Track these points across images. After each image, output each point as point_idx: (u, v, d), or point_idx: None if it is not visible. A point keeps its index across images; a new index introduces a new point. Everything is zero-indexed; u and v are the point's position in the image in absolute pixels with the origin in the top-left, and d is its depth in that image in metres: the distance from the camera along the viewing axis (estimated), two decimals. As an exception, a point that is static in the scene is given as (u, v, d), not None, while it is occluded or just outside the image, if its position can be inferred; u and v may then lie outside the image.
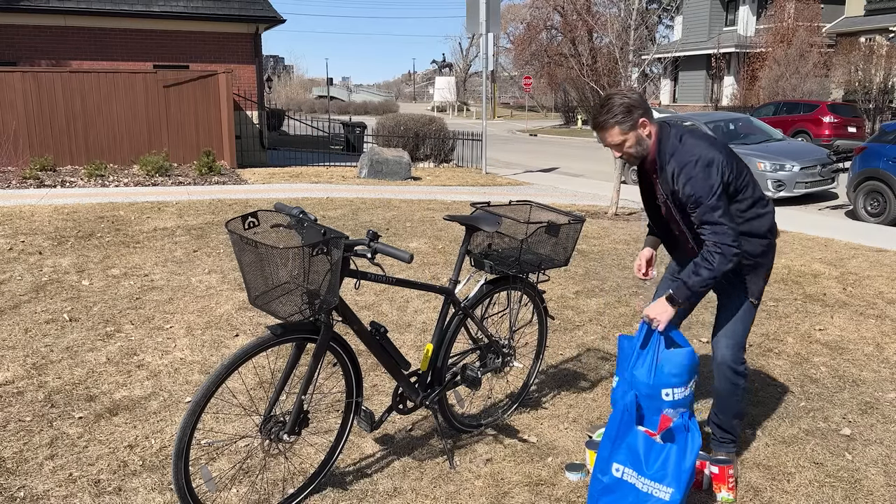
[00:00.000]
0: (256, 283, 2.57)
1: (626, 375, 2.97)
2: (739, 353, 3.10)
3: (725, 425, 3.22)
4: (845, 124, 19.65)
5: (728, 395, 3.15)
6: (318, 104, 54.39)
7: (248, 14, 15.46)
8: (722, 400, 3.18)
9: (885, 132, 10.85)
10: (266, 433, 2.73)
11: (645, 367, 2.91)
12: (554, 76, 43.72)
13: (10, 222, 8.43)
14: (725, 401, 3.17)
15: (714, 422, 3.25)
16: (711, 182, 2.79)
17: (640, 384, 2.90)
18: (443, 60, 77.04)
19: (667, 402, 2.90)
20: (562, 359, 4.53)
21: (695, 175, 2.80)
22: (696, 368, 2.94)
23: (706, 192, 2.79)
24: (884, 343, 4.86)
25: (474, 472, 3.19)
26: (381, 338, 2.96)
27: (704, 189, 2.79)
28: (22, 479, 3.06)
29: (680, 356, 2.89)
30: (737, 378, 3.11)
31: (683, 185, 2.82)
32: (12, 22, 14.16)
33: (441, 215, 9.42)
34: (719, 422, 3.23)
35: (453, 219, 3.26)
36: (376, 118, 19.95)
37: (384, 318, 5.23)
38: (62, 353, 4.47)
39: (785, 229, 8.97)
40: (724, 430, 3.23)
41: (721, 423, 3.22)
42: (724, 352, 3.10)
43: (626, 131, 2.88)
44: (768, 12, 32.72)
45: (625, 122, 2.86)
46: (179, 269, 6.44)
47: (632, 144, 2.91)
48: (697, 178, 2.79)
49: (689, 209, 2.86)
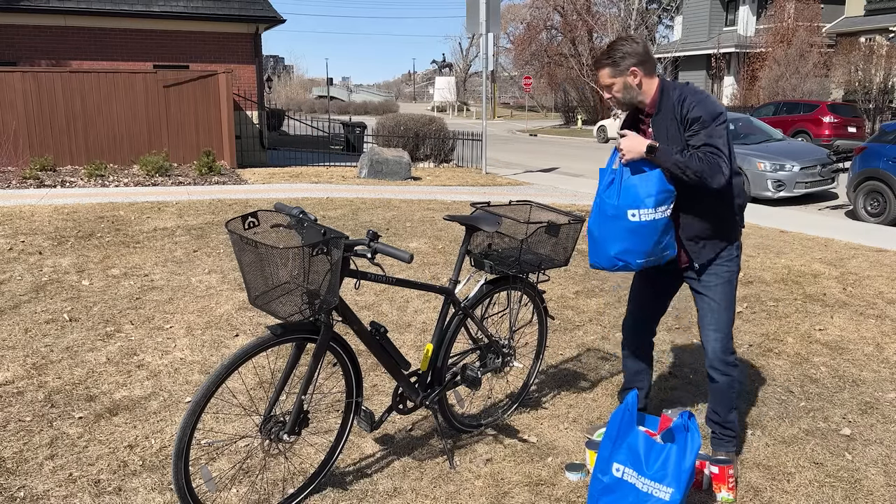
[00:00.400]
0: (256, 283, 2.57)
1: (595, 202, 3.04)
2: (728, 343, 3.13)
3: (724, 421, 3.22)
4: (845, 124, 19.65)
5: (724, 390, 3.16)
6: (318, 104, 54.41)
7: (248, 14, 15.47)
8: (718, 395, 3.19)
9: (885, 132, 10.85)
10: (266, 433, 2.73)
11: (612, 191, 2.97)
12: (554, 76, 43.77)
13: (10, 222, 8.43)
14: (722, 395, 3.18)
15: (713, 419, 3.25)
16: (720, 109, 2.88)
17: (608, 206, 2.96)
18: (443, 60, 77.08)
19: (632, 222, 2.90)
20: (562, 359, 4.53)
21: (704, 100, 2.89)
22: (669, 195, 2.92)
23: (712, 115, 2.86)
24: (884, 343, 4.86)
25: (474, 472, 3.19)
26: (381, 338, 2.96)
27: (712, 112, 2.86)
28: (22, 479, 3.06)
29: (647, 179, 2.91)
30: (730, 369, 3.14)
31: (692, 108, 2.88)
32: (12, 22, 14.16)
33: (441, 215, 9.42)
34: (718, 419, 3.23)
35: (453, 219, 3.26)
36: (376, 118, 19.95)
37: (384, 318, 5.23)
38: (62, 353, 4.47)
39: (785, 229, 8.98)
40: (723, 426, 3.23)
41: (720, 419, 3.22)
42: (714, 345, 3.12)
43: (614, 76, 2.97)
44: (768, 12, 32.72)
45: (615, 67, 2.96)
46: (179, 269, 6.44)
47: (619, 89, 2.99)
48: (706, 102, 2.88)
49: (691, 132, 2.88)
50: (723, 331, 3.11)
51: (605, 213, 2.97)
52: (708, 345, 3.14)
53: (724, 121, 2.90)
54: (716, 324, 3.10)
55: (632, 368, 3.49)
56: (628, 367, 3.50)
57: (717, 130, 2.87)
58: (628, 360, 3.49)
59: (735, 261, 3.10)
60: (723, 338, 3.11)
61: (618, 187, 2.94)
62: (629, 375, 3.51)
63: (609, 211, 2.95)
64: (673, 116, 2.94)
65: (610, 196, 2.95)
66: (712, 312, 3.10)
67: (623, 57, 2.94)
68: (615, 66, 2.96)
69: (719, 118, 2.88)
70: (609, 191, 2.97)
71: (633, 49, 2.96)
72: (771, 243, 8.06)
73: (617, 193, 2.94)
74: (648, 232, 2.91)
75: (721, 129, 2.88)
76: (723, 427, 3.23)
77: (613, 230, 2.95)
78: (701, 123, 2.87)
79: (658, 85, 3.00)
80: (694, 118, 2.87)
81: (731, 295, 3.11)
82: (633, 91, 3.00)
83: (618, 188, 2.94)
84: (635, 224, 2.90)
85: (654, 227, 2.90)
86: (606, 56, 2.99)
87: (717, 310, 3.10)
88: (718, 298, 3.09)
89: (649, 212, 2.89)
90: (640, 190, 2.89)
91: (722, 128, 2.89)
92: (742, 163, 12.06)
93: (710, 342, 3.13)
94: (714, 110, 2.88)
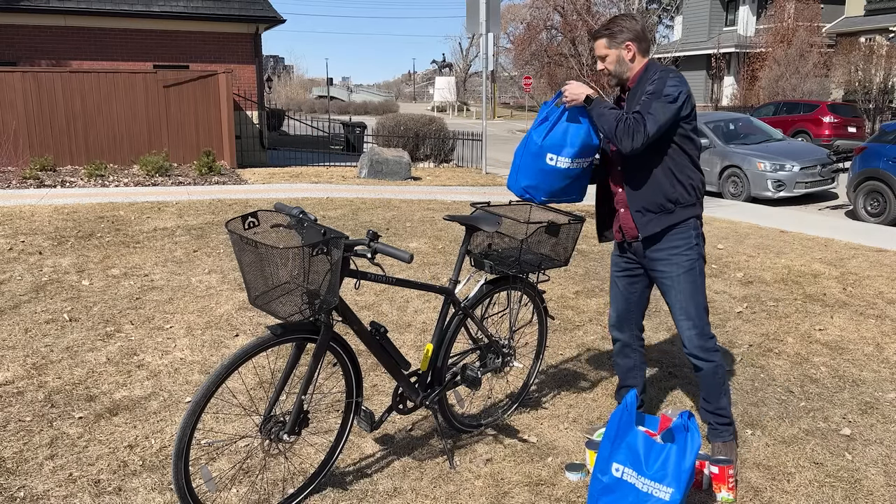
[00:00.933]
0: (256, 283, 2.57)
1: (528, 132, 3.20)
2: (704, 329, 3.15)
3: (717, 409, 3.24)
4: (845, 124, 19.64)
5: (709, 376, 3.18)
6: (318, 104, 54.39)
7: (248, 14, 15.47)
8: (706, 384, 3.21)
9: (885, 132, 10.85)
10: (266, 433, 2.73)
11: (542, 129, 3.13)
12: (554, 76, 43.71)
13: (10, 222, 8.43)
14: (709, 384, 3.20)
15: (706, 409, 3.28)
16: (676, 91, 2.94)
17: (532, 143, 3.14)
18: (443, 60, 77.03)
19: (548, 165, 3.11)
20: (562, 359, 4.53)
21: (666, 79, 2.98)
22: (590, 150, 3.13)
23: (662, 91, 2.94)
24: (884, 343, 4.86)
25: (474, 472, 3.19)
26: (381, 338, 2.96)
27: (665, 90, 2.94)
28: (22, 479, 3.06)
29: (575, 131, 3.09)
30: (711, 355, 3.16)
31: (653, 82, 2.99)
32: (12, 22, 14.16)
33: (441, 215, 9.42)
34: (710, 407, 3.25)
35: (453, 219, 3.26)
36: (376, 118, 19.95)
37: (384, 318, 5.23)
38: (62, 353, 4.47)
39: (785, 229, 8.98)
40: (717, 414, 3.25)
41: (712, 408, 3.25)
42: (688, 333, 3.16)
43: (609, 47, 3.09)
44: (768, 12, 32.72)
45: (611, 38, 3.08)
46: (179, 269, 6.44)
47: (612, 61, 3.10)
48: (667, 80, 2.97)
49: (640, 102, 2.98)
50: (693, 318, 3.14)
51: (528, 149, 3.19)
52: (683, 334, 3.18)
53: (673, 100, 2.93)
54: (685, 313, 3.14)
55: (623, 366, 3.51)
56: (619, 366, 3.53)
57: (659, 105, 2.93)
58: (618, 357, 3.51)
59: (695, 249, 3.13)
60: (696, 325, 3.14)
61: (547, 128, 3.13)
62: (622, 373, 3.53)
63: (532, 148, 3.16)
64: (641, 93, 3.03)
65: (538, 134, 3.14)
66: (679, 302, 3.15)
67: (620, 30, 3.08)
68: (612, 38, 3.08)
69: (669, 97, 2.93)
70: (539, 128, 3.15)
71: (632, 25, 3.09)
72: (771, 243, 8.06)
73: (544, 133, 3.12)
74: (559, 176, 3.14)
75: (665, 107, 2.92)
76: (717, 416, 3.24)
77: (530, 166, 3.18)
78: (650, 95, 2.96)
79: (644, 64, 3.11)
80: (649, 91, 2.97)
81: (697, 282, 3.14)
82: (625, 65, 3.10)
83: (547, 129, 3.13)
84: (550, 167, 3.13)
85: (565, 173, 3.14)
86: (605, 27, 3.11)
87: (683, 299, 3.14)
88: (682, 287, 3.13)
89: (565, 160, 3.11)
90: (565, 138, 3.10)
91: (668, 106, 2.92)
92: (742, 163, 12.08)
93: (684, 331, 3.17)
94: (668, 89, 2.94)
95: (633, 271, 3.33)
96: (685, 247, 3.11)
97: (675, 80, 2.97)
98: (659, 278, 3.20)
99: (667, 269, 3.14)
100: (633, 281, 3.35)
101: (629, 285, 3.36)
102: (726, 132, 13.11)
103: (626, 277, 3.36)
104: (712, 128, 12.97)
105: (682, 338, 3.20)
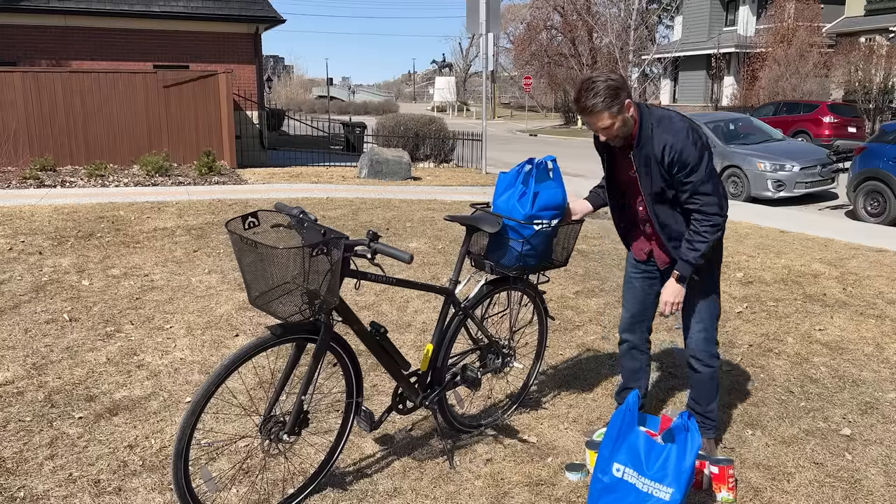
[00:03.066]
0: (256, 283, 2.57)
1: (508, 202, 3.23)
2: (712, 335, 3.19)
3: (705, 412, 3.31)
4: (845, 124, 19.64)
5: (706, 381, 3.24)
6: (318, 104, 54.39)
7: (248, 14, 15.46)
8: (700, 386, 3.26)
9: (885, 132, 10.85)
10: (266, 433, 2.73)
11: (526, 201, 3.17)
12: (554, 76, 43.74)
13: (10, 222, 8.43)
14: (704, 386, 3.26)
15: (694, 410, 3.33)
16: (702, 149, 2.89)
17: (519, 215, 3.16)
18: (443, 60, 77.04)
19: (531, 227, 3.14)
20: (562, 359, 4.53)
21: (684, 145, 2.86)
22: (560, 208, 3.22)
23: (697, 159, 2.87)
24: (884, 343, 4.86)
25: (474, 472, 3.19)
26: (381, 338, 2.96)
27: (696, 157, 2.87)
28: (22, 479, 3.06)
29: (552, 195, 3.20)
30: (713, 361, 3.21)
31: (676, 156, 2.86)
32: (12, 22, 14.16)
33: (441, 215, 9.42)
34: (700, 409, 3.31)
35: (454, 219, 3.26)
36: (376, 118, 19.95)
37: (384, 318, 5.23)
38: (62, 353, 4.47)
39: (785, 229, 8.97)
40: (705, 416, 3.32)
41: (701, 410, 3.31)
42: (697, 336, 3.18)
43: (616, 115, 2.85)
44: (768, 12, 32.71)
45: (613, 106, 2.83)
46: (179, 269, 6.44)
47: (619, 126, 2.89)
48: (687, 146, 2.86)
49: (681, 179, 2.91)
50: (705, 322, 3.16)
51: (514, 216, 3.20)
52: (692, 336, 3.19)
53: (708, 156, 2.90)
54: (699, 317, 3.16)
55: (629, 368, 3.50)
56: (626, 367, 3.52)
57: (704, 172, 2.88)
58: (626, 359, 3.50)
59: (715, 257, 3.14)
60: (706, 329, 3.16)
61: (529, 202, 3.16)
62: (627, 374, 3.53)
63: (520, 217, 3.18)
64: (653, 155, 2.92)
65: (524, 205, 3.15)
66: (695, 307, 3.16)
67: (616, 93, 2.82)
68: (613, 106, 2.83)
69: (704, 157, 2.88)
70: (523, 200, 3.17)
71: (619, 81, 2.86)
72: (771, 243, 8.06)
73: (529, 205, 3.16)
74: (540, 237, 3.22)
75: (707, 166, 2.89)
76: (704, 417, 3.32)
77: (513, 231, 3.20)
78: (690, 169, 2.87)
79: (636, 115, 2.95)
80: (682, 165, 2.87)
81: (715, 286, 3.16)
82: (630, 123, 2.93)
83: (530, 203, 3.16)
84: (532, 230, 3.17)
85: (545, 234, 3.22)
86: (599, 97, 2.81)
87: (701, 302, 3.15)
88: (700, 292, 3.13)
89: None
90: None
91: (706, 162, 2.89)
92: (742, 163, 12.07)
93: (693, 334, 3.18)
94: (699, 153, 2.87)
95: (652, 273, 3.32)
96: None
97: (688, 140, 2.87)
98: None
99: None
100: (651, 283, 3.34)
101: (648, 287, 3.34)
102: (726, 132, 13.11)
103: (645, 279, 3.34)
104: (712, 128, 12.96)
105: (688, 339, 3.21)
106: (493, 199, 3.29)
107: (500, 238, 3.19)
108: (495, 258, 3.24)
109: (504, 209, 3.19)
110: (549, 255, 3.31)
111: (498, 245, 3.21)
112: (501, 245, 3.20)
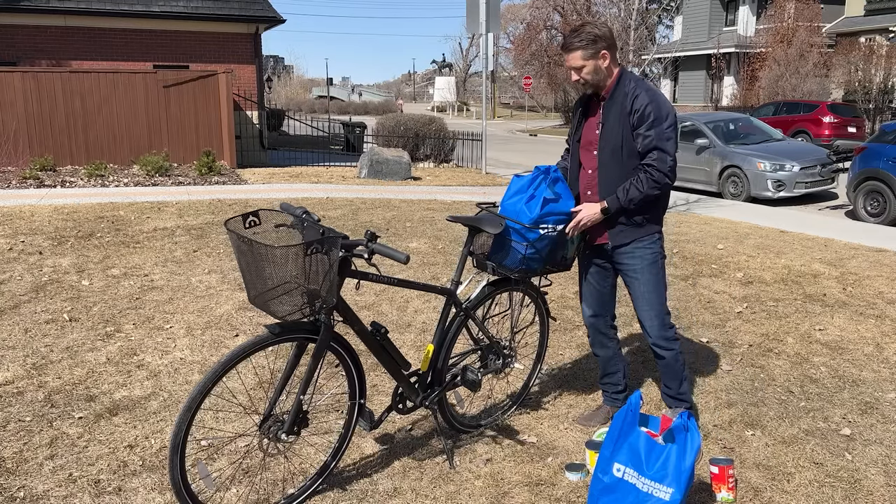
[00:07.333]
0: (255, 282, 2.57)
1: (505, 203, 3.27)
2: (665, 319, 3.31)
3: (678, 394, 3.44)
4: (845, 124, 19.63)
5: (671, 363, 3.37)
6: (318, 104, 54.41)
7: (248, 14, 15.46)
8: (667, 369, 3.40)
9: (884, 132, 10.84)
10: (265, 432, 2.73)
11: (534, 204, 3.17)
12: (554, 76, 43.73)
13: (10, 222, 8.43)
14: (670, 369, 3.39)
15: (668, 395, 3.47)
16: (672, 111, 3.07)
17: (525, 218, 3.15)
18: (443, 60, 77.00)
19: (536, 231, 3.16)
20: (562, 359, 4.53)
21: (656, 99, 3.06)
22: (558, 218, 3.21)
23: (664, 116, 3.05)
24: (884, 343, 4.86)
25: (474, 472, 3.19)
26: (381, 338, 2.96)
27: (665, 113, 3.05)
28: (22, 479, 3.06)
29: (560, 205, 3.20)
30: (672, 343, 3.33)
31: (645, 105, 3.05)
32: (12, 22, 14.16)
33: (441, 215, 9.43)
34: (672, 392, 3.45)
35: (456, 220, 3.26)
36: (376, 118, 19.95)
37: (384, 318, 5.23)
38: (62, 353, 4.47)
39: (785, 229, 8.98)
40: (679, 399, 3.45)
41: (674, 393, 3.45)
42: (651, 323, 3.31)
43: (587, 58, 3.09)
44: (768, 12, 32.70)
45: (588, 49, 3.08)
46: (179, 269, 6.44)
47: (589, 71, 3.11)
48: (659, 101, 3.06)
49: (641, 131, 3.06)
50: (656, 309, 3.29)
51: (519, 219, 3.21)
52: (646, 324, 3.33)
53: (673, 122, 3.08)
54: (648, 303, 3.30)
55: (603, 356, 3.64)
56: (599, 356, 3.65)
57: (668, 132, 3.06)
58: (597, 348, 3.63)
59: (657, 243, 3.29)
60: (658, 315, 3.29)
61: (538, 204, 3.17)
62: (602, 363, 3.66)
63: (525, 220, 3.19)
64: (622, 105, 3.10)
65: (532, 209, 3.17)
66: (643, 294, 3.30)
67: (595, 40, 3.07)
68: (588, 48, 3.08)
69: (669, 118, 3.06)
70: (532, 203, 3.19)
71: (604, 33, 3.10)
72: (771, 243, 8.06)
73: (538, 207, 3.18)
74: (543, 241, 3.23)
75: (671, 132, 3.07)
76: (678, 400, 3.45)
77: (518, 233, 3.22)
78: (652, 122, 3.05)
79: (617, 73, 3.16)
80: (646, 115, 3.05)
81: (659, 275, 3.29)
82: (602, 73, 3.14)
83: (538, 204, 3.17)
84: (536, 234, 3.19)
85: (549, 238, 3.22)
86: (577, 37, 3.09)
87: (647, 291, 3.29)
88: (646, 280, 3.28)
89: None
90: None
91: (671, 130, 3.07)
92: (742, 163, 12.07)
93: (647, 321, 3.32)
94: (667, 111, 3.06)
95: (603, 265, 3.45)
96: (648, 241, 3.27)
97: (661, 97, 3.09)
98: (624, 271, 3.34)
99: (631, 262, 3.29)
100: (604, 276, 3.47)
101: (602, 280, 3.48)
102: (726, 132, 13.11)
103: (597, 273, 3.48)
104: (712, 128, 12.96)
105: (644, 328, 3.35)
106: (503, 200, 3.31)
107: (503, 240, 3.20)
108: (498, 259, 3.25)
109: (511, 212, 3.21)
110: (554, 259, 3.32)
111: (501, 246, 3.23)
112: (505, 247, 3.22)
